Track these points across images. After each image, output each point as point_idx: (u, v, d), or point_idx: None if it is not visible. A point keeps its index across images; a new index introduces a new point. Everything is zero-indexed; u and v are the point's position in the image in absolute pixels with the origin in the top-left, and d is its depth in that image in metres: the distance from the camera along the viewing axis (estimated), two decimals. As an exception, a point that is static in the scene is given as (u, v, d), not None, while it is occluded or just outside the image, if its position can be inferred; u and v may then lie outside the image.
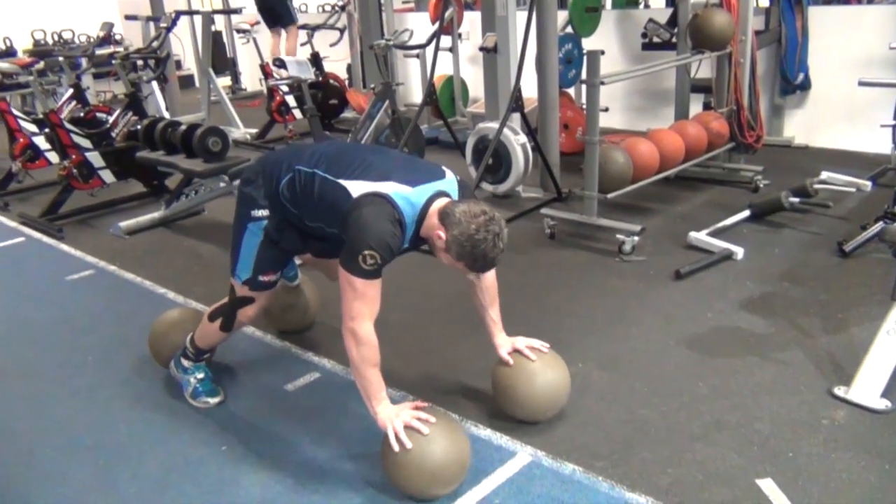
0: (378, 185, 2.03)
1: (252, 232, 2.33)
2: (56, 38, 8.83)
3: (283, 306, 2.98)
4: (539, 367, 2.30)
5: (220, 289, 2.65)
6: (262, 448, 2.31)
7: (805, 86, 5.36)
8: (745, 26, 4.41)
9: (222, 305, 2.51)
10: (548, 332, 2.51)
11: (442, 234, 2.01)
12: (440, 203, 2.07)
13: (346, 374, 2.72)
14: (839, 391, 2.41)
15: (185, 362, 2.60)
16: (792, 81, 5.30)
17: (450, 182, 2.17)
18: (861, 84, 3.92)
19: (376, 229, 1.97)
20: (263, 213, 2.29)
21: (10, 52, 8.45)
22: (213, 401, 2.58)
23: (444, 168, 2.23)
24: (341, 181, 2.07)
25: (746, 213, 3.97)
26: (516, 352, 2.34)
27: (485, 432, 2.32)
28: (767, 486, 2.02)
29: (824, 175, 4.33)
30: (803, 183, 4.00)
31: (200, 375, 2.60)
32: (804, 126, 5.51)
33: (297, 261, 3.00)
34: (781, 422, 2.30)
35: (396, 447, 1.96)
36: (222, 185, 4.07)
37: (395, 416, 2.02)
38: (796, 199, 3.92)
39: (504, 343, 2.36)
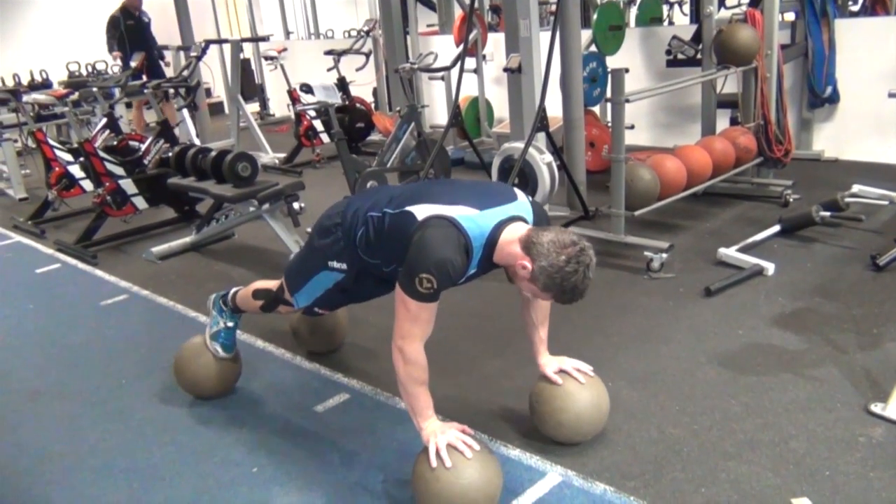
0: (444, 209, 1.98)
1: (326, 275, 2.36)
2: (90, 69, 9.06)
3: (311, 327, 3.01)
4: (585, 390, 2.28)
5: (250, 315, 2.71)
6: (292, 469, 2.32)
7: (833, 99, 5.30)
8: (770, 41, 4.39)
9: (268, 292, 2.59)
10: (576, 350, 2.50)
11: (528, 264, 1.94)
12: (518, 229, 2.00)
13: (375, 395, 2.73)
14: (876, 408, 2.36)
15: (224, 307, 2.74)
16: (820, 95, 5.25)
17: (522, 205, 2.10)
18: (891, 96, 3.86)
19: (438, 254, 1.91)
20: (342, 266, 2.30)
21: (46, 84, 8.67)
22: (224, 354, 2.70)
23: (515, 190, 2.16)
24: (407, 208, 2.04)
25: (777, 228, 3.93)
26: (562, 372, 2.31)
27: (514, 452, 2.31)
28: (804, 505, 1.98)
29: (856, 188, 4.27)
30: (834, 196, 3.95)
31: (231, 324, 2.74)
32: (834, 139, 5.44)
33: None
34: (817, 440, 2.25)
35: (435, 463, 1.94)
36: (252, 209, 4.13)
37: (440, 432, 2.01)
38: (827, 213, 3.86)
39: (550, 363, 2.34)
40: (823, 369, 2.64)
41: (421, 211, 2.01)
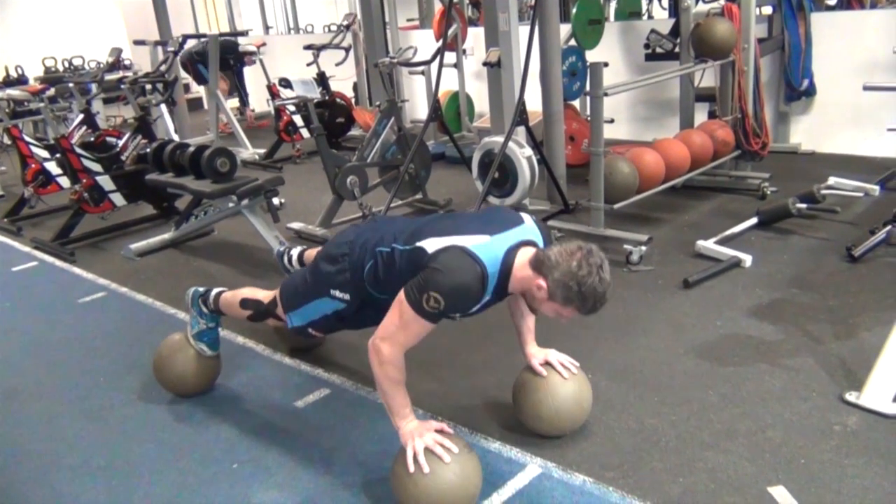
0: (455, 239, 1.95)
1: (326, 302, 2.33)
2: (66, 64, 8.96)
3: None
4: (568, 385, 2.28)
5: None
6: (272, 465, 2.32)
7: (810, 92, 5.36)
8: (747, 34, 4.42)
9: (258, 304, 2.55)
10: (556, 342, 2.51)
11: (542, 282, 1.91)
12: (527, 254, 1.98)
13: (356, 390, 2.73)
14: (851, 397, 2.39)
15: (204, 308, 2.69)
16: (797, 88, 5.30)
17: (529, 228, 2.09)
18: (866, 89, 3.92)
19: (455, 279, 1.88)
20: (344, 296, 2.27)
21: (21, 80, 8.58)
22: (210, 352, 2.69)
23: (520, 213, 2.15)
24: (418, 244, 2.01)
25: (754, 220, 3.97)
26: (548, 364, 2.31)
27: (494, 444, 2.32)
28: (779, 493, 2.00)
29: (832, 180, 4.32)
30: (811, 189, 3.99)
31: (212, 325, 2.70)
32: (810, 132, 5.50)
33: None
34: (793, 429, 2.28)
35: (412, 468, 1.93)
36: (231, 205, 4.10)
37: (418, 434, 1.98)
38: (804, 205, 3.91)
39: (537, 353, 2.34)
40: (799, 359, 2.68)
41: (431, 244, 1.97)
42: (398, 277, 2.06)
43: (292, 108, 6.67)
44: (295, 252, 3.03)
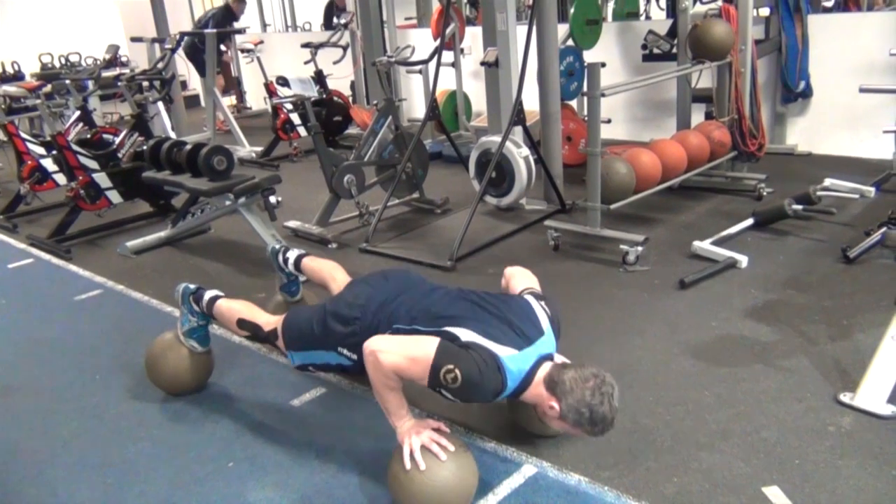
0: (490, 344, 1.98)
1: (331, 355, 2.32)
2: (63, 61, 8.93)
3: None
4: None
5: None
6: (268, 464, 2.32)
7: (806, 94, 5.37)
8: (744, 36, 4.43)
9: (256, 328, 2.50)
10: (552, 343, 2.52)
11: (555, 404, 1.96)
12: (544, 370, 2.02)
13: (352, 389, 2.73)
14: (845, 398, 2.40)
15: (195, 307, 2.67)
16: (793, 89, 5.32)
17: (548, 340, 2.13)
18: (862, 91, 3.94)
19: (480, 380, 1.92)
20: (351, 356, 2.26)
21: (17, 76, 8.55)
22: (201, 349, 2.68)
23: (538, 315, 2.16)
24: (448, 329, 2.03)
25: (750, 221, 3.98)
26: None
27: (490, 444, 2.32)
28: (774, 493, 2.01)
29: (827, 182, 4.33)
30: (807, 190, 4.01)
31: (203, 322, 2.69)
32: (806, 134, 5.52)
33: (301, 277, 3.02)
34: (787, 429, 2.29)
35: (409, 465, 1.94)
36: (228, 203, 4.10)
37: (415, 433, 2.00)
38: (800, 207, 3.92)
39: None
40: (794, 360, 2.69)
41: (464, 335, 2.00)
42: None
43: (290, 106, 6.67)
44: (292, 255, 2.95)
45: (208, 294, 2.67)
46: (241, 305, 2.60)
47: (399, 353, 1.97)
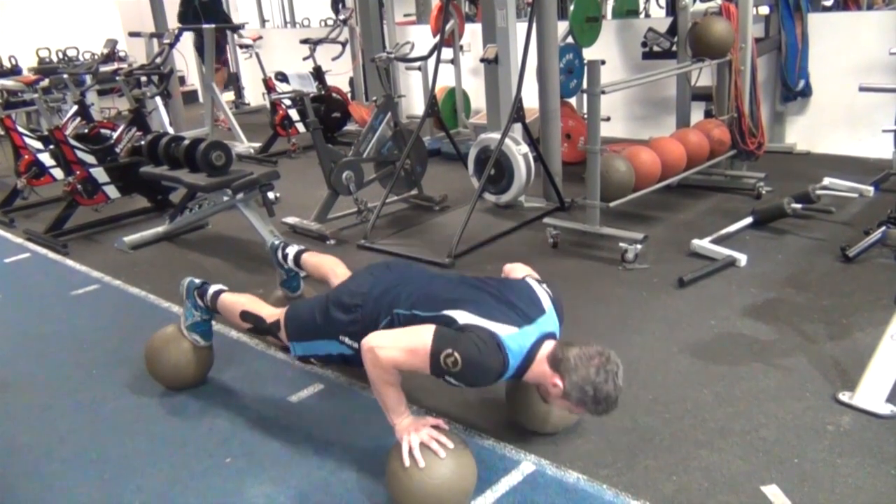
0: (488, 323, 1.96)
1: (333, 344, 2.31)
2: (60, 55, 8.89)
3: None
4: None
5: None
6: (266, 460, 2.31)
7: (806, 92, 5.36)
8: (744, 34, 4.42)
9: (259, 320, 2.50)
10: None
11: (558, 381, 1.94)
12: (547, 348, 2.01)
13: (350, 386, 2.72)
14: (844, 397, 2.40)
15: (199, 301, 2.67)
16: (793, 88, 5.31)
17: (550, 318, 2.11)
18: (862, 90, 3.93)
19: (482, 360, 1.91)
20: (353, 344, 2.24)
21: (15, 71, 8.51)
22: (204, 343, 2.69)
23: (539, 296, 2.15)
24: (445, 312, 2.02)
25: (749, 219, 3.97)
26: None
27: (488, 442, 2.32)
28: (773, 492, 2.01)
29: (827, 181, 4.33)
30: (806, 189, 4.01)
31: (206, 317, 2.69)
32: (806, 132, 5.51)
33: (302, 273, 3.01)
34: (786, 428, 2.29)
35: (408, 462, 1.93)
36: (226, 199, 4.08)
37: (413, 430, 1.99)
38: (799, 206, 3.91)
39: None
40: (793, 359, 2.68)
41: (462, 317, 1.99)
42: None
43: (288, 102, 6.65)
44: (291, 251, 2.96)
45: (213, 288, 2.68)
46: (244, 298, 2.62)
47: (397, 346, 1.97)
